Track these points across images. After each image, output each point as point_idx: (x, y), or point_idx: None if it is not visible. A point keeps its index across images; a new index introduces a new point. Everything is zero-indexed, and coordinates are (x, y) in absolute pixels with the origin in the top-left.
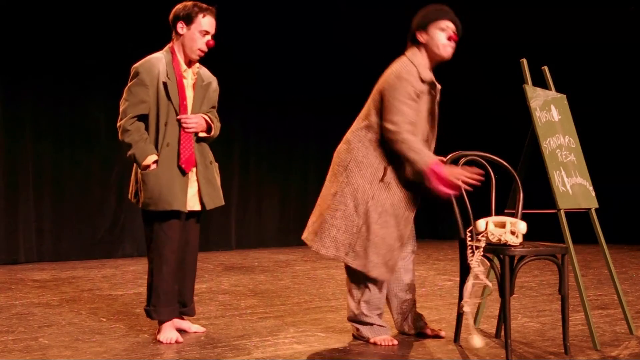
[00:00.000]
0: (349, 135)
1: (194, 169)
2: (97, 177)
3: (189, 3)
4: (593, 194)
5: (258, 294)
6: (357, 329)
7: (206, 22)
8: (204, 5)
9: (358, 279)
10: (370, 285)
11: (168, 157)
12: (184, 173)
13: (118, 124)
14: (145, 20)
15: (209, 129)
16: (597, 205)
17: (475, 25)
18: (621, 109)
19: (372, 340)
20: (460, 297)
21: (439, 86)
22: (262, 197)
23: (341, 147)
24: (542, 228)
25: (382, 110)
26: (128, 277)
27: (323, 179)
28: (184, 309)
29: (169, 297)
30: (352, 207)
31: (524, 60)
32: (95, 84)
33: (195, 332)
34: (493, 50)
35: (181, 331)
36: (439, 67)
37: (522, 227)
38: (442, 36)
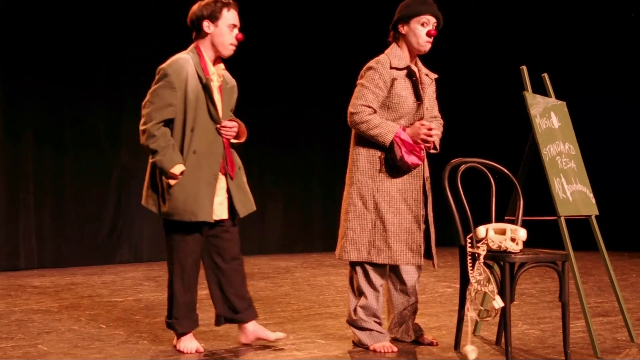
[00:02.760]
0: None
1: (222, 177)
2: (96, 182)
3: (209, 0)
4: (593, 201)
5: (258, 301)
6: (356, 336)
7: (232, 16)
8: (226, 0)
9: (356, 283)
10: (367, 292)
11: (194, 165)
12: (214, 182)
13: (142, 128)
14: (147, 26)
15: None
16: (597, 212)
17: (476, 32)
18: (621, 116)
19: (371, 348)
20: (461, 304)
21: (432, 75)
22: (266, 203)
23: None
24: (543, 235)
25: None
26: (127, 284)
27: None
28: (238, 315)
29: (191, 309)
30: (360, 205)
31: (524, 68)
32: (95, 90)
33: (278, 339)
34: (493, 57)
35: (261, 341)
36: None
37: (522, 234)
38: (422, 31)
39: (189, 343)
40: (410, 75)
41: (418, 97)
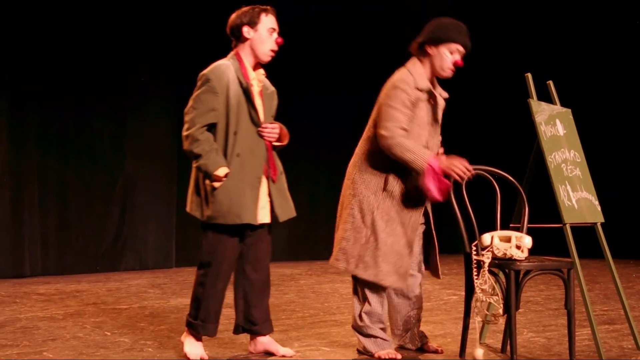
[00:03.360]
0: (356, 149)
1: (265, 181)
2: (101, 190)
3: (247, 8)
4: (599, 208)
5: None
6: (361, 343)
7: (270, 20)
8: (263, 6)
9: (360, 289)
10: (371, 298)
11: (238, 168)
12: (257, 185)
13: (185, 133)
14: (151, 35)
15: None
16: (602, 220)
17: (481, 39)
18: (627, 123)
19: (376, 355)
20: (466, 312)
21: (444, 94)
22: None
23: (351, 161)
24: (548, 242)
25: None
26: (132, 291)
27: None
28: (256, 327)
29: (218, 315)
30: (359, 218)
31: (529, 75)
32: (100, 99)
33: (284, 356)
34: (498, 65)
35: (268, 354)
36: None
37: (527, 241)
38: (449, 58)
39: (197, 349)
40: (431, 98)
41: (435, 119)
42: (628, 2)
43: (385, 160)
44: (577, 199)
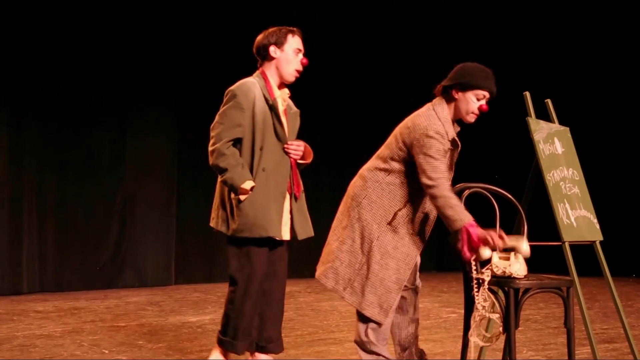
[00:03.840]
0: (365, 172)
1: (288, 197)
2: (100, 206)
3: (274, 28)
4: (597, 226)
5: None
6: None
7: (297, 41)
8: (290, 27)
9: None
10: None
11: (263, 183)
12: (281, 200)
13: (212, 148)
14: (150, 48)
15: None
16: (601, 238)
17: (480, 58)
18: (624, 141)
19: None
20: (465, 330)
21: (459, 145)
22: None
23: (357, 182)
24: (547, 261)
25: (401, 157)
26: (131, 308)
27: (335, 209)
28: (269, 345)
29: (248, 332)
30: (358, 243)
31: (527, 93)
32: (99, 114)
33: None
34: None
35: None
36: None
37: (525, 247)
38: (475, 105)
39: None
40: (455, 146)
41: (452, 164)
42: (626, 22)
43: (399, 197)
44: (576, 217)
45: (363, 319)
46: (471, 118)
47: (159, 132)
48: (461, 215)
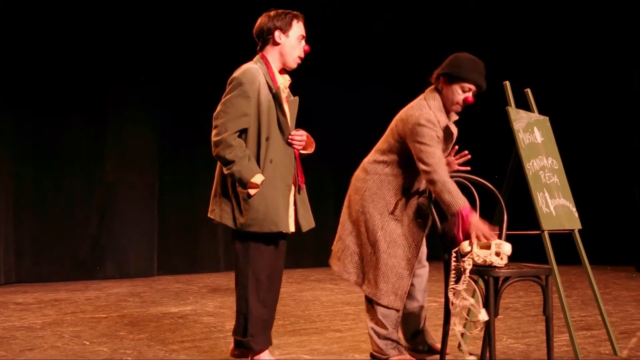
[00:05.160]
0: (366, 164)
1: (293, 189)
2: (79, 198)
3: (279, 11)
4: (576, 215)
5: None
6: (376, 345)
7: (301, 27)
8: (295, 12)
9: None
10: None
11: (271, 175)
12: (288, 193)
13: (216, 138)
14: (132, 41)
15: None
16: (580, 227)
17: (460, 48)
18: (603, 130)
19: (391, 358)
20: (446, 319)
21: (455, 131)
22: None
23: (359, 174)
24: (526, 249)
25: (398, 149)
26: (112, 300)
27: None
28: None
29: (267, 326)
30: (365, 235)
31: (507, 83)
32: (77, 106)
33: None
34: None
35: None
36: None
37: (507, 248)
38: (460, 97)
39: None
40: (448, 134)
41: (445, 150)
42: (605, 12)
43: (399, 187)
44: (555, 205)
45: (373, 306)
46: (455, 109)
47: (140, 122)
48: (457, 200)
